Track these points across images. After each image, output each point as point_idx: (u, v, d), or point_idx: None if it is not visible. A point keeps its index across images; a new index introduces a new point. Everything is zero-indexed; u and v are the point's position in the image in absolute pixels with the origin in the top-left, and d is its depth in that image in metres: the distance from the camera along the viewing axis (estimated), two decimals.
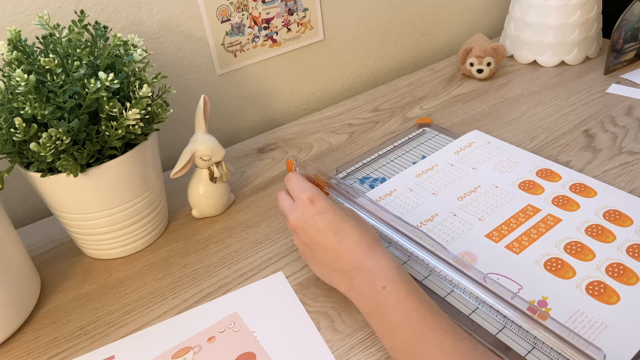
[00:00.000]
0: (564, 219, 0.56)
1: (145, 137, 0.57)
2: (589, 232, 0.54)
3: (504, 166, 0.65)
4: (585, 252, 0.52)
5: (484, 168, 0.65)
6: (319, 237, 0.47)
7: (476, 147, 0.69)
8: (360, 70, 0.95)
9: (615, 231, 0.54)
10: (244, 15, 0.78)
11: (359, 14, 0.89)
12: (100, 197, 0.55)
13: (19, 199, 0.71)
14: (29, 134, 0.49)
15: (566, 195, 0.59)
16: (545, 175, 0.63)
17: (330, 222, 0.47)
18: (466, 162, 0.67)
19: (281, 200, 0.52)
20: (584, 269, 0.50)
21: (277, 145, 0.80)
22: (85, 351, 0.50)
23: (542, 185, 0.61)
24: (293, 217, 0.49)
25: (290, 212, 0.50)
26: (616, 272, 0.49)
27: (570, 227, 0.55)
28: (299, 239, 0.50)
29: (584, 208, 0.57)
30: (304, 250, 0.50)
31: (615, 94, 0.80)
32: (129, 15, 0.70)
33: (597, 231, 0.54)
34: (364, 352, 0.47)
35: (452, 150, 0.69)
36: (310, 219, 0.48)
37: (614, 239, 0.53)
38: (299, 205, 0.49)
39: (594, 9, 0.86)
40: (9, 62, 0.52)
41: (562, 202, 0.59)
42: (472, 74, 0.89)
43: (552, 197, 0.60)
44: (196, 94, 0.79)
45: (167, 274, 0.58)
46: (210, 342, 0.49)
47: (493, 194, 0.61)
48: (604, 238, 0.53)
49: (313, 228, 0.48)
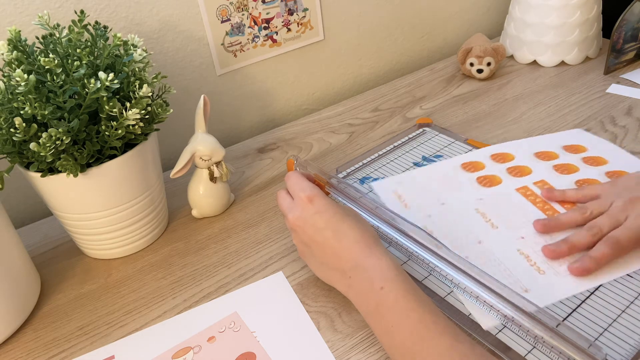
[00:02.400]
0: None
1: (145, 137, 0.57)
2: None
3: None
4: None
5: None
6: (318, 236, 0.47)
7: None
8: (360, 70, 0.95)
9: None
10: (244, 15, 0.78)
11: (359, 14, 0.89)
12: (100, 197, 0.55)
13: (19, 199, 0.71)
14: (29, 134, 0.49)
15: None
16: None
17: (329, 221, 0.47)
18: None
19: (281, 199, 0.52)
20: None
21: (277, 145, 0.80)
22: (85, 351, 0.50)
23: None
24: (292, 216, 0.49)
25: (289, 211, 0.50)
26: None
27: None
28: (297, 237, 0.50)
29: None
30: (303, 249, 0.51)
31: (615, 94, 0.80)
32: (129, 15, 0.70)
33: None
34: (363, 352, 0.47)
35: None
36: (309, 218, 0.48)
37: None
38: (298, 204, 0.49)
39: (594, 9, 0.86)
40: (9, 62, 0.52)
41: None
42: (472, 74, 0.89)
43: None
44: (196, 94, 0.79)
45: (167, 274, 0.58)
46: (210, 342, 0.49)
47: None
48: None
49: (312, 227, 0.48)
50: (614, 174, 0.61)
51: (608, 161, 0.64)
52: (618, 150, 0.67)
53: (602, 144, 0.68)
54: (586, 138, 0.69)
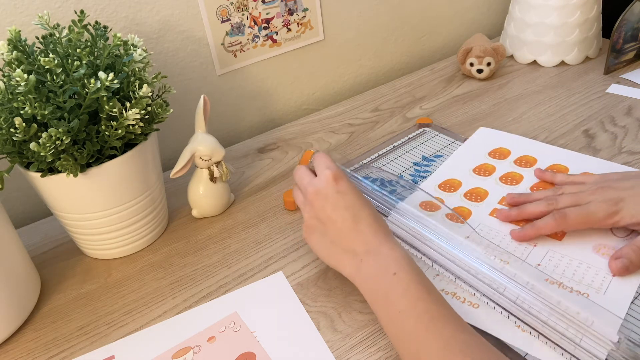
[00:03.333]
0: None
1: (145, 137, 0.57)
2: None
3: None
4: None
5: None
6: (336, 214, 0.48)
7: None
8: (360, 70, 0.95)
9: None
10: (244, 15, 0.78)
11: (359, 14, 0.89)
12: (100, 197, 0.55)
13: (19, 199, 0.71)
14: (29, 134, 0.49)
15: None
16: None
17: (351, 203, 0.48)
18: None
19: (301, 173, 0.53)
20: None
21: (277, 145, 0.80)
22: (85, 351, 0.50)
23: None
24: (313, 190, 0.49)
25: (310, 185, 0.50)
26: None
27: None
28: (313, 212, 0.50)
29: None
30: (315, 225, 0.50)
31: (615, 94, 0.80)
32: (129, 15, 0.70)
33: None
34: (363, 352, 0.47)
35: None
36: (331, 195, 0.48)
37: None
38: (322, 180, 0.49)
39: (594, 9, 0.86)
40: (9, 62, 0.52)
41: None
42: (472, 74, 0.89)
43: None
44: (196, 94, 0.79)
45: (167, 274, 0.58)
46: (210, 342, 0.49)
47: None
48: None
49: (332, 205, 0.48)
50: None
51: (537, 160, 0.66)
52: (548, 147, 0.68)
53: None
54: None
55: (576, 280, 0.49)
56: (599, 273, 0.49)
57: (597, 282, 0.48)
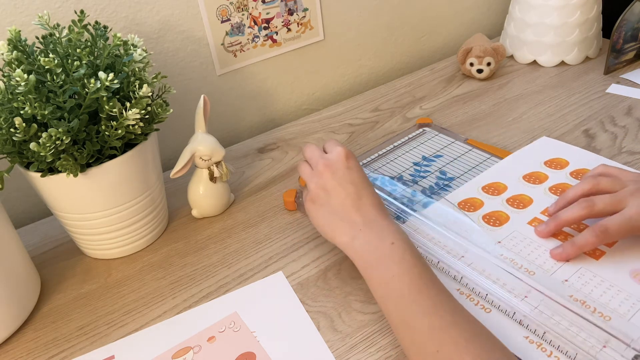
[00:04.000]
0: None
1: (145, 137, 0.57)
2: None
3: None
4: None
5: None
6: (342, 187, 0.50)
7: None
8: (360, 70, 0.95)
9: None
10: (244, 15, 0.78)
11: (359, 14, 0.89)
12: (100, 197, 0.55)
13: (19, 199, 0.71)
14: (29, 134, 0.49)
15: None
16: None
17: (358, 179, 0.51)
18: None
19: (312, 148, 0.55)
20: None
21: (277, 145, 0.80)
22: (85, 351, 0.50)
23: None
24: (324, 162, 0.52)
25: (322, 158, 0.53)
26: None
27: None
28: (321, 181, 0.52)
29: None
30: (319, 194, 0.52)
31: (615, 94, 0.80)
32: (129, 15, 0.70)
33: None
34: (363, 352, 0.47)
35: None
36: (340, 169, 0.51)
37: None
38: (334, 154, 0.53)
39: (594, 9, 0.86)
40: (9, 62, 0.52)
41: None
42: (472, 74, 0.89)
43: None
44: (196, 94, 0.79)
45: (167, 274, 0.58)
46: (210, 342, 0.49)
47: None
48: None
49: (340, 177, 0.51)
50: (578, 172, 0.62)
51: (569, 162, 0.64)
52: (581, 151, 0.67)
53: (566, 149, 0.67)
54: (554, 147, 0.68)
55: (602, 302, 0.46)
56: (629, 299, 0.46)
57: (624, 308, 0.45)
